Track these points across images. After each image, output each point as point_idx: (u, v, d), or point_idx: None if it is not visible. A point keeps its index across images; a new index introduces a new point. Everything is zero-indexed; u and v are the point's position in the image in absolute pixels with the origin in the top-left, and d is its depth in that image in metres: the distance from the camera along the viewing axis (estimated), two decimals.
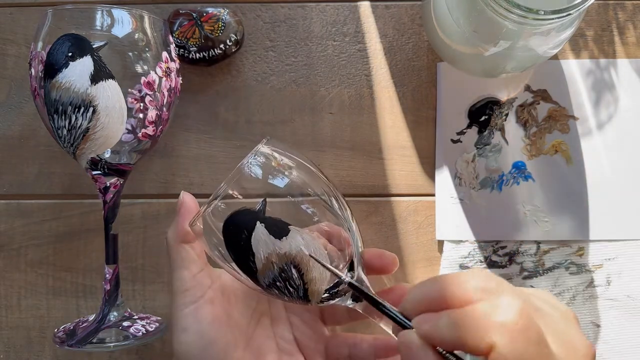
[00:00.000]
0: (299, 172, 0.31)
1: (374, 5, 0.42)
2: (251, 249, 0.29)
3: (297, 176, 0.31)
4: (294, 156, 0.31)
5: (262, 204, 0.29)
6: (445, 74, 0.41)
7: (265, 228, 0.29)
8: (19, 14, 0.42)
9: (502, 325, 0.23)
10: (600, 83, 0.41)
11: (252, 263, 0.29)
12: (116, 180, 0.36)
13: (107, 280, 0.37)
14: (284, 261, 0.29)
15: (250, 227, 0.29)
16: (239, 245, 0.29)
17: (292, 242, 0.29)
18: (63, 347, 0.35)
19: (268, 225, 0.29)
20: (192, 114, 0.42)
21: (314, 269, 0.30)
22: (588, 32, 0.41)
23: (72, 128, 0.34)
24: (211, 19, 0.39)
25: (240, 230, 0.29)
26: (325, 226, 0.31)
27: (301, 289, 0.30)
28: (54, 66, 0.33)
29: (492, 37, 0.32)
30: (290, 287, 0.30)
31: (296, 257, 0.29)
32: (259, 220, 0.29)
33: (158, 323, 0.38)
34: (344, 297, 0.31)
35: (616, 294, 0.41)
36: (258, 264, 0.29)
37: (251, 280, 0.30)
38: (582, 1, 0.29)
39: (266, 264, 0.29)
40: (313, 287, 0.30)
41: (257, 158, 0.30)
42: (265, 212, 0.29)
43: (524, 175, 0.41)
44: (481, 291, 0.25)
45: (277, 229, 0.29)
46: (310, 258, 0.29)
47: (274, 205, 0.29)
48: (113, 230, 0.37)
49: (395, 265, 0.34)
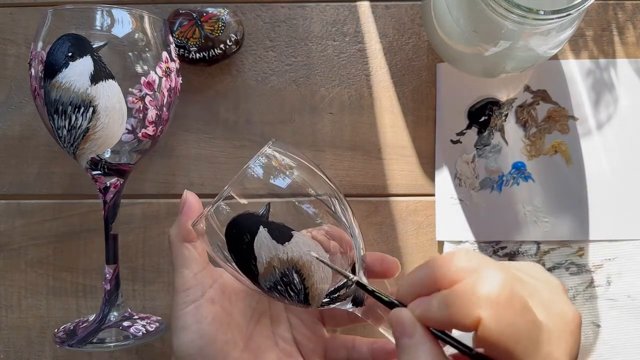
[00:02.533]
0: (303, 174, 0.31)
1: (374, 5, 0.42)
2: (253, 253, 0.29)
3: (300, 178, 0.31)
4: (299, 158, 0.31)
5: (266, 208, 0.29)
6: (445, 75, 0.41)
7: (268, 232, 0.29)
8: (19, 14, 0.42)
9: (486, 299, 0.23)
10: (600, 83, 0.41)
11: (253, 266, 0.29)
12: (116, 180, 0.36)
13: (107, 280, 0.37)
14: (286, 266, 0.29)
15: (253, 231, 0.29)
16: (241, 248, 0.29)
17: (294, 247, 0.29)
18: (63, 347, 0.35)
19: (271, 230, 0.29)
20: (192, 114, 0.42)
21: (316, 274, 0.30)
22: (588, 32, 0.41)
23: (72, 128, 0.34)
24: (211, 19, 0.39)
25: (243, 234, 0.29)
26: (327, 228, 0.31)
27: (302, 293, 0.30)
28: (54, 66, 0.33)
29: (492, 37, 0.32)
30: (291, 291, 0.30)
31: (298, 262, 0.29)
32: (262, 225, 0.29)
33: (158, 323, 0.38)
34: (344, 301, 0.31)
35: (616, 294, 0.41)
36: (260, 268, 0.29)
37: (252, 282, 0.30)
38: (582, 1, 0.29)
39: (268, 268, 0.29)
40: (314, 292, 0.30)
41: (263, 160, 0.30)
42: (268, 216, 0.29)
43: (523, 176, 0.41)
44: (464, 270, 0.25)
45: (280, 234, 0.29)
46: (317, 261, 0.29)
47: (277, 205, 0.29)
48: (113, 230, 0.37)
49: (397, 268, 0.35)
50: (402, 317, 0.26)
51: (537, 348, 0.24)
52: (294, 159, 0.31)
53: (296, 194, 0.30)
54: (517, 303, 0.24)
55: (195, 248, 0.33)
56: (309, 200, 0.30)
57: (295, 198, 0.30)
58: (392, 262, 0.34)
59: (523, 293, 0.25)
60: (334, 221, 0.31)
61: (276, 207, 0.29)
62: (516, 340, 0.23)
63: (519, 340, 0.23)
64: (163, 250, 0.42)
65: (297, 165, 0.31)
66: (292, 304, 0.31)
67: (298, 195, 0.30)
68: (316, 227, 0.30)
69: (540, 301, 0.25)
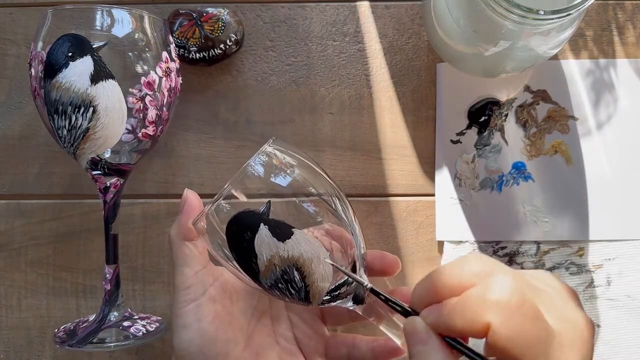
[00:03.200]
0: (304, 172, 0.31)
1: (374, 5, 0.42)
2: (254, 250, 0.29)
3: (301, 177, 0.31)
4: (299, 156, 0.31)
5: (267, 206, 0.29)
6: (445, 75, 0.41)
7: (269, 230, 0.29)
8: (19, 14, 0.42)
9: (496, 305, 0.23)
10: (600, 83, 0.41)
11: (254, 264, 0.29)
12: (116, 180, 0.36)
13: (108, 280, 0.37)
14: (287, 263, 0.29)
15: (253, 229, 0.29)
16: (242, 246, 0.29)
17: (295, 245, 0.29)
18: (63, 347, 0.35)
19: (272, 227, 0.29)
20: (192, 114, 0.42)
21: (316, 271, 0.30)
22: (588, 32, 0.41)
23: (72, 128, 0.34)
24: (211, 19, 0.39)
25: (243, 231, 0.29)
26: (328, 227, 0.31)
27: (303, 291, 0.30)
28: (54, 66, 0.33)
29: (492, 37, 0.32)
30: (292, 289, 0.30)
31: (299, 260, 0.29)
32: (263, 222, 0.29)
33: (158, 323, 0.38)
34: (345, 299, 0.31)
35: (616, 294, 0.41)
36: (260, 266, 0.29)
37: (253, 280, 0.30)
38: (582, 1, 0.29)
39: (269, 265, 0.29)
40: (314, 290, 0.30)
41: (263, 158, 0.30)
42: (269, 214, 0.29)
43: (523, 176, 0.41)
44: (475, 275, 0.25)
45: (281, 232, 0.29)
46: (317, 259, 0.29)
47: (277, 204, 0.29)
48: (113, 230, 0.37)
49: (397, 266, 0.34)
50: (415, 325, 0.26)
51: (548, 355, 0.23)
52: (295, 157, 0.31)
53: (297, 192, 0.30)
54: (528, 309, 0.24)
55: (196, 246, 0.33)
56: (310, 199, 0.30)
57: (296, 197, 0.30)
58: (392, 260, 0.34)
59: (535, 300, 0.24)
60: (335, 219, 0.31)
61: (277, 205, 0.29)
62: (527, 346, 0.23)
63: (530, 346, 0.23)
64: (163, 250, 0.42)
65: (297, 163, 0.31)
66: (293, 302, 0.31)
67: (299, 194, 0.30)
68: (317, 226, 0.30)
69: (552, 308, 0.25)
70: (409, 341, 0.26)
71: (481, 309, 0.24)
